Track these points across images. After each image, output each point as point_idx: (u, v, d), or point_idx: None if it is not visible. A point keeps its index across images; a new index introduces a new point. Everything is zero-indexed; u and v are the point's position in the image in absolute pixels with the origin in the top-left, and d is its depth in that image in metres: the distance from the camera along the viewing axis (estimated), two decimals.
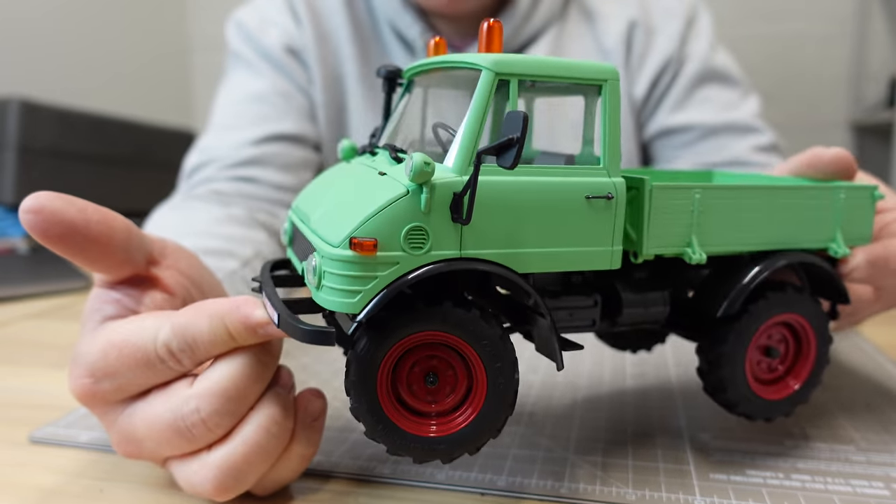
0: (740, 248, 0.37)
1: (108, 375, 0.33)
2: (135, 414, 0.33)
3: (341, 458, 0.39)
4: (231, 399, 0.32)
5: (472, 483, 0.36)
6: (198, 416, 0.32)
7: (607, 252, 0.33)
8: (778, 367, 0.39)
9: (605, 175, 0.32)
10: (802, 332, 0.39)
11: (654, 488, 0.36)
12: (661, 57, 0.82)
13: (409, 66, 0.38)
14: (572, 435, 0.42)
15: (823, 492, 0.36)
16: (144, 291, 0.37)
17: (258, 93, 0.81)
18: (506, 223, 0.30)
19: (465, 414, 0.32)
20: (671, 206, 0.34)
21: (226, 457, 0.32)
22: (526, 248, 0.31)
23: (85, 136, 1.48)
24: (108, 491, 0.37)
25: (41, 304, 0.80)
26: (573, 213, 0.31)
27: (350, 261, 0.28)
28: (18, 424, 0.45)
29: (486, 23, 0.32)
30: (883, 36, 1.90)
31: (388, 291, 0.29)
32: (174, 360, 0.32)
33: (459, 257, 0.30)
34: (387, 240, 0.28)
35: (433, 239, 0.29)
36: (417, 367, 0.31)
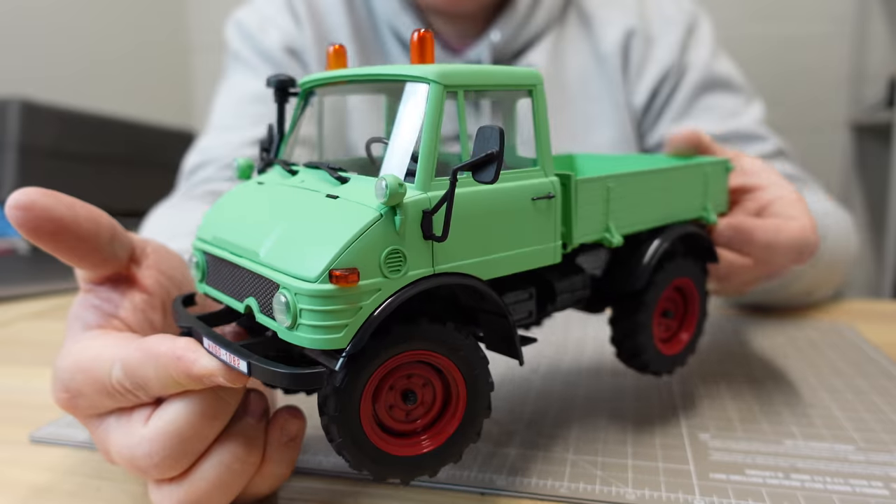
0: (642, 226, 0.40)
1: (79, 394, 0.33)
2: (108, 431, 0.33)
3: (341, 458, 0.39)
4: (185, 441, 0.31)
5: (472, 482, 0.36)
6: (151, 461, 0.31)
7: (551, 248, 0.34)
8: (672, 324, 0.44)
9: (542, 176, 0.34)
10: (689, 292, 0.44)
11: (654, 488, 0.36)
12: (661, 66, 0.81)
13: (327, 77, 0.36)
14: (572, 435, 0.42)
15: (823, 491, 0.36)
16: (124, 294, 0.37)
17: (257, 93, 0.81)
18: (468, 233, 0.30)
19: (450, 424, 0.32)
20: (592, 197, 0.37)
21: (186, 493, 0.31)
22: (488, 255, 0.31)
23: (85, 136, 1.48)
24: (105, 489, 0.37)
25: (41, 304, 0.80)
26: (522, 216, 0.33)
27: (332, 295, 0.27)
28: (18, 424, 0.45)
29: (417, 33, 0.31)
30: (883, 36, 1.90)
31: (373, 319, 0.28)
32: (130, 394, 0.32)
33: (434, 274, 0.29)
34: (367, 267, 0.27)
35: (409, 260, 0.29)
36: (396, 387, 0.31)
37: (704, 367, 0.54)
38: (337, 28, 0.83)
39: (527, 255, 0.33)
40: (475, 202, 0.31)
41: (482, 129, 0.28)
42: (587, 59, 0.83)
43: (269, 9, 0.85)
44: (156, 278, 0.38)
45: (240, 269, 0.32)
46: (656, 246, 0.40)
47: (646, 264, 0.40)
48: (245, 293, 0.31)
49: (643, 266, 0.40)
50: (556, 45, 0.82)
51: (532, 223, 0.33)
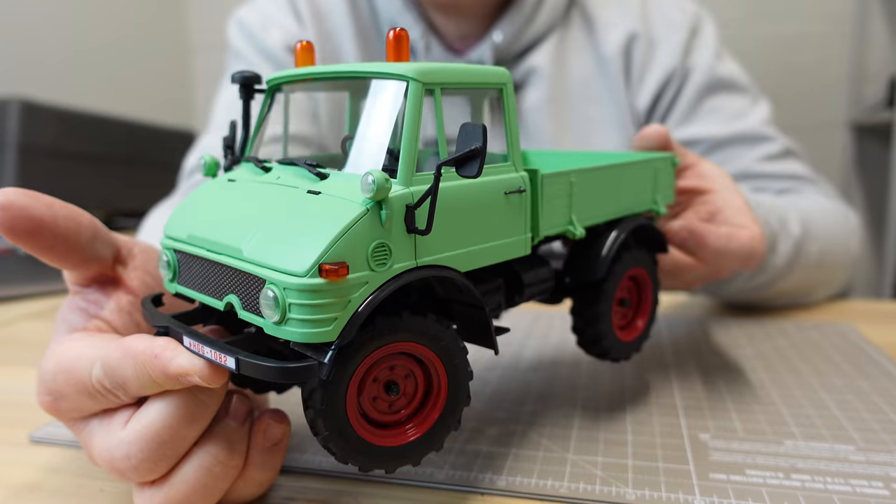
0: (601, 219, 0.42)
1: (62, 397, 0.33)
2: (91, 433, 0.33)
3: None
4: (163, 444, 0.30)
5: (472, 483, 0.36)
6: (129, 464, 0.30)
7: (522, 240, 0.36)
8: (628, 313, 0.46)
9: (513, 171, 0.35)
10: (643, 281, 0.46)
11: (654, 488, 0.36)
12: (664, 69, 0.81)
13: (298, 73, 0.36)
14: (572, 435, 0.42)
15: (823, 491, 0.36)
16: (109, 296, 0.36)
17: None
18: (448, 226, 0.31)
19: (432, 413, 0.32)
20: (556, 191, 0.38)
21: (166, 496, 0.31)
22: (466, 248, 0.32)
23: (85, 136, 1.48)
24: (108, 490, 0.37)
25: (41, 304, 0.80)
26: (497, 209, 0.34)
27: (321, 289, 0.27)
28: (18, 424, 0.45)
29: (393, 31, 0.32)
30: (883, 36, 1.90)
31: (362, 312, 0.28)
32: (111, 394, 0.31)
33: (417, 266, 0.30)
34: (355, 261, 0.28)
35: (394, 253, 0.29)
36: (379, 379, 0.31)
37: (704, 367, 0.54)
38: (340, 28, 0.82)
39: (501, 247, 0.35)
40: (454, 196, 0.32)
41: (465, 126, 0.29)
42: (589, 61, 0.83)
43: (272, 8, 0.85)
44: (142, 279, 0.37)
45: (219, 267, 0.31)
46: (614, 237, 0.42)
47: (605, 255, 0.41)
48: (225, 291, 0.31)
49: (603, 257, 0.41)
50: (559, 47, 0.82)
51: (505, 216, 0.34)
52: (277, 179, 0.33)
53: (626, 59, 0.82)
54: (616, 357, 0.44)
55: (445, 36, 0.82)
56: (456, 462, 0.39)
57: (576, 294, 0.43)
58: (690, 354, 0.57)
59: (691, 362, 0.55)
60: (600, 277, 0.41)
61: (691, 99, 0.81)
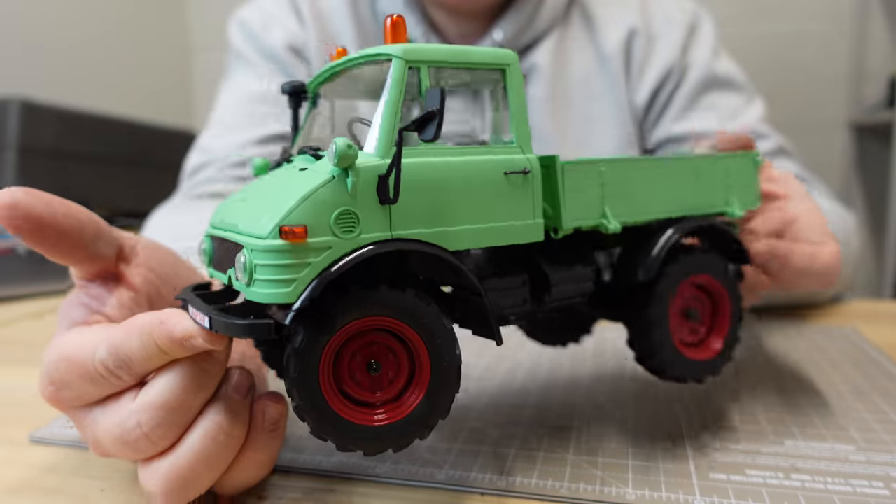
0: (649, 216, 0.39)
1: (64, 386, 0.33)
2: (95, 421, 0.34)
3: (341, 458, 0.39)
4: (172, 411, 0.32)
5: (472, 483, 0.36)
6: (140, 431, 0.32)
7: (531, 225, 0.34)
8: (699, 329, 0.41)
9: (518, 152, 0.34)
10: (716, 292, 0.41)
11: (655, 488, 0.36)
12: (663, 65, 0.82)
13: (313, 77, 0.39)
14: (572, 435, 0.42)
15: (823, 492, 0.36)
16: (111, 292, 0.37)
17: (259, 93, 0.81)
18: (432, 203, 0.31)
19: (413, 396, 0.31)
20: (581, 181, 0.36)
21: (172, 465, 0.32)
22: (454, 226, 0.32)
23: (85, 136, 1.47)
24: (109, 490, 0.37)
25: (41, 304, 0.80)
26: (495, 190, 0.33)
27: (281, 250, 0.28)
28: (18, 424, 0.45)
29: (390, 18, 0.32)
30: (883, 35, 1.89)
31: (323, 277, 0.28)
32: (113, 376, 0.32)
33: (391, 238, 0.30)
34: (316, 225, 0.29)
35: (363, 222, 0.29)
36: (358, 355, 0.31)
37: None
38: (341, 28, 0.83)
39: (500, 230, 0.33)
40: (442, 171, 0.31)
41: (429, 91, 0.30)
42: (590, 59, 0.83)
43: (273, 7, 0.85)
44: (144, 276, 0.38)
45: (226, 243, 0.33)
46: (668, 235, 0.39)
47: (655, 254, 0.38)
48: (229, 264, 0.32)
49: (652, 256, 0.38)
50: (560, 45, 0.82)
51: (505, 198, 0.33)
52: (290, 166, 0.35)
53: (626, 55, 0.82)
54: (680, 377, 0.39)
55: (447, 35, 0.82)
56: (456, 462, 0.39)
57: (626, 300, 0.39)
58: None
59: None
60: (649, 278, 0.38)
61: (688, 95, 0.82)
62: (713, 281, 0.41)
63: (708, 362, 0.40)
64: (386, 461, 0.39)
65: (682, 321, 0.40)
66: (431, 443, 0.41)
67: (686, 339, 0.40)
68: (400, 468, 0.38)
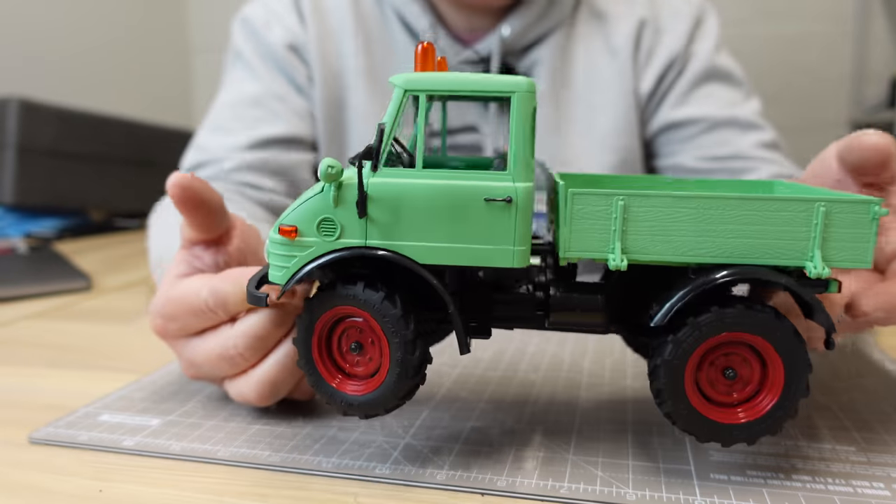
0: (675, 258, 0.35)
1: (172, 319, 0.44)
2: (195, 347, 0.44)
3: (341, 459, 0.39)
4: (260, 338, 0.41)
5: (472, 483, 0.36)
6: (236, 351, 0.42)
7: (509, 251, 0.35)
8: (736, 389, 0.37)
9: (509, 180, 0.35)
10: (767, 356, 0.36)
11: (655, 489, 0.36)
12: (668, 53, 0.83)
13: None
14: (572, 435, 0.42)
15: (824, 492, 0.36)
16: (212, 255, 0.46)
17: (253, 96, 0.82)
18: (407, 219, 0.35)
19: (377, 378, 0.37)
20: (591, 211, 0.35)
21: (262, 374, 0.42)
22: (427, 242, 0.35)
23: (84, 136, 1.47)
24: (107, 491, 0.37)
25: (41, 304, 0.80)
26: (472, 214, 0.35)
27: (279, 242, 0.36)
28: (18, 425, 0.45)
29: (421, 45, 0.36)
30: (883, 36, 1.90)
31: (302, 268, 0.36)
32: (212, 312, 0.42)
33: (364, 246, 0.35)
34: (304, 227, 0.36)
35: (342, 229, 0.35)
36: (345, 336, 0.38)
37: None
38: (341, 24, 0.84)
39: (474, 252, 0.35)
40: (420, 193, 0.35)
41: (378, 125, 0.35)
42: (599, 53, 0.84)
43: (277, 5, 0.86)
44: (237, 246, 0.47)
45: None
46: (696, 283, 0.35)
47: (674, 298, 0.35)
48: None
49: (671, 300, 0.35)
50: (565, 41, 0.83)
51: (483, 222, 0.35)
52: None
53: (635, 46, 0.84)
54: (696, 435, 0.36)
55: (453, 27, 0.83)
56: (456, 462, 0.39)
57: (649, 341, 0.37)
58: None
59: None
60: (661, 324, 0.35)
61: (689, 82, 0.83)
62: (763, 343, 0.35)
63: (733, 427, 0.36)
64: (386, 462, 0.39)
65: (718, 378, 0.36)
66: (431, 443, 0.41)
67: (715, 397, 0.37)
68: (400, 469, 0.38)
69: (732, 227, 0.35)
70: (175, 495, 0.36)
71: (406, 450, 0.40)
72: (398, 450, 0.40)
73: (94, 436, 0.43)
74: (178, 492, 0.36)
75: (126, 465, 0.39)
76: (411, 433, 0.42)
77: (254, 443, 0.41)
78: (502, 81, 0.34)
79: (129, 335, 0.67)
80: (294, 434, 0.42)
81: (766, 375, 0.36)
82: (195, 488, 0.37)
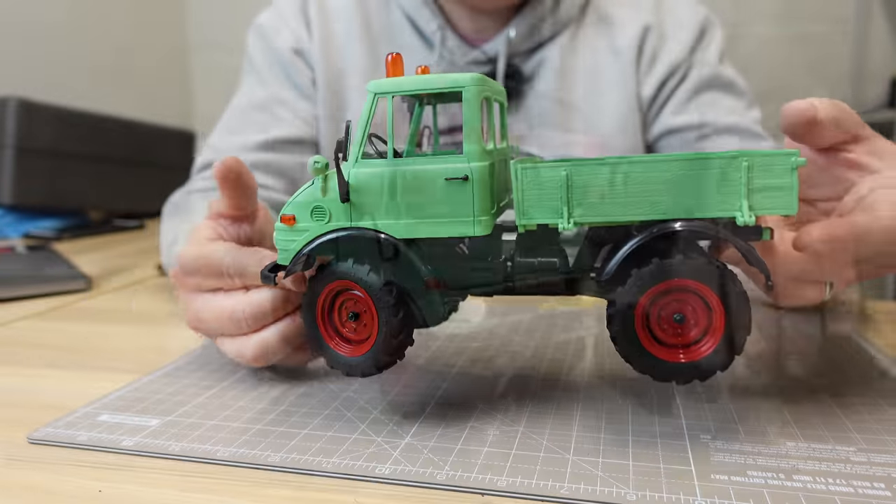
0: (617, 218, 0.40)
1: (193, 273, 0.49)
2: (207, 303, 0.49)
3: (341, 459, 0.39)
4: (267, 310, 0.46)
5: (473, 484, 0.36)
6: (243, 316, 0.47)
7: (470, 221, 0.41)
8: (682, 331, 0.41)
9: (464, 161, 0.40)
10: (710, 301, 0.40)
11: (656, 489, 0.36)
12: (671, 59, 0.84)
13: None
14: (572, 435, 0.42)
15: (825, 493, 0.36)
16: (235, 230, 0.52)
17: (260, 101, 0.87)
18: (383, 201, 0.41)
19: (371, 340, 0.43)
20: (539, 182, 0.40)
21: (260, 339, 0.47)
22: (402, 220, 0.41)
23: (83, 135, 1.47)
24: (107, 492, 0.37)
25: (40, 304, 0.79)
26: (437, 192, 0.40)
27: (281, 230, 0.43)
28: (16, 425, 0.45)
29: (391, 55, 0.42)
30: (883, 36, 1.90)
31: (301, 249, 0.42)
32: (229, 278, 0.47)
33: (349, 227, 0.41)
34: (300, 215, 0.42)
35: (330, 214, 0.42)
36: (344, 308, 0.44)
37: None
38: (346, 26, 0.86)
39: (442, 224, 0.41)
40: (392, 178, 0.41)
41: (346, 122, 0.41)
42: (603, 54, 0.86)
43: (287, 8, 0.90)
44: (258, 228, 0.53)
45: None
46: (636, 239, 0.40)
47: (618, 255, 0.40)
48: None
49: (615, 257, 0.40)
50: (571, 43, 0.85)
51: (446, 199, 0.40)
52: None
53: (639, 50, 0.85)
54: (652, 375, 0.41)
55: (461, 29, 0.85)
56: (456, 462, 0.39)
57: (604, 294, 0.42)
58: None
59: None
60: (607, 279, 0.40)
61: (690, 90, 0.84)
62: (702, 288, 0.40)
63: (682, 365, 0.40)
64: (386, 462, 0.39)
65: (668, 324, 0.40)
66: (432, 443, 0.41)
67: (666, 340, 0.41)
68: (400, 469, 0.38)
69: (665, 187, 0.39)
70: (175, 496, 0.36)
71: (406, 450, 0.40)
72: (398, 450, 0.40)
73: (92, 435, 0.43)
74: (178, 492, 0.36)
75: (124, 465, 0.39)
76: (411, 433, 0.42)
77: (254, 443, 0.41)
78: (454, 78, 0.40)
79: (129, 335, 0.67)
80: (294, 434, 0.42)
81: (711, 319, 0.40)
82: (194, 489, 0.37)
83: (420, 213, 0.41)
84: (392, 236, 0.41)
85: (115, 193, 1.53)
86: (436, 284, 0.42)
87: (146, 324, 0.71)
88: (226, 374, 0.53)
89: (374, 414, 0.45)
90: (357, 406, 0.46)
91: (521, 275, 0.44)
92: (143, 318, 0.74)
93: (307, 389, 0.49)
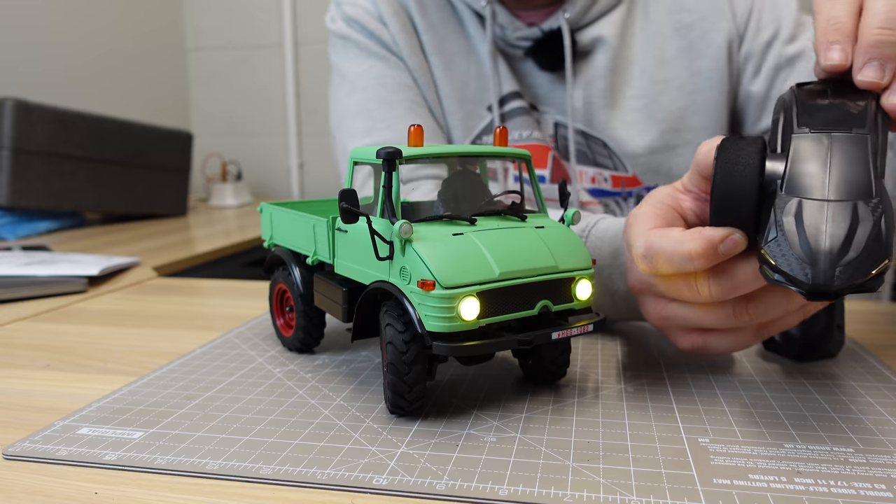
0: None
1: (654, 255, 0.43)
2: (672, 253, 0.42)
3: (336, 470, 0.36)
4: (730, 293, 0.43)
5: (473, 493, 0.34)
6: (707, 291, 0.43)
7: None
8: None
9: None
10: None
11: (659, 495, 0.33)
12: (773, 27, 0.81)
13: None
14: (571, 442, 0.39)
15: (827, 495, 0.33)
16: (690, 205, 0.47)
17: (391, 77, 0.84)
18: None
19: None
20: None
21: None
22: (351, 265, 0.48)
23: (80, 137, 1.42)
24: (103, 493, 0.34)
25: (37, 305, 0.76)
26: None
27: None
28: (12, 427, 0.42)
29: (498, 129, 0.47)
30: None
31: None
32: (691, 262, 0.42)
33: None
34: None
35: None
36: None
37: (698, 371, 0.52)
38: (414, 19, 0.84)
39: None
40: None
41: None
42: (662, 23, 0.83)
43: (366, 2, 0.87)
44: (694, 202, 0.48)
45: None
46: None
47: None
48: None
49: None
50: (627, 18, 0.83)
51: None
52: None
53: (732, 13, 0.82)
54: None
55: (510, 5, 0.82)
56: (455, 472, 0.36)
57: None
58: (682, 357, 0.55)
59: (683, 366, 0.53)
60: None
61: (775, 61, 0.81)
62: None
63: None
64: (383, 473, 0.36)
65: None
66: (429, 451, 0.38)
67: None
68: (398, 479, 0.35)
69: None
70: (172, 494, 0.33)
71: (402, 459, 0.37)
72: (394, 459, 0.37)
73: (73, 451, 0.39)
74: (174, 490, 0.34)
75: (122, 468, 0.36)
76: (406, 442, 0.39)
77: (244, 455, 0.38)
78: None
79: (127, 337, 0.63)
80: (285, 445, 0.39)
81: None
82: (191, 491, 0.34)
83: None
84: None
85: (111, 195, 1.49)
86: None
87: (145, 324, 0.68)
88: (210, 382, 0.50)
89: (366, 423, 0.42)
90: (348, 415, 0.43)
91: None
92: (140, 319, 0.71)
93: (296, 399, 0.46)
